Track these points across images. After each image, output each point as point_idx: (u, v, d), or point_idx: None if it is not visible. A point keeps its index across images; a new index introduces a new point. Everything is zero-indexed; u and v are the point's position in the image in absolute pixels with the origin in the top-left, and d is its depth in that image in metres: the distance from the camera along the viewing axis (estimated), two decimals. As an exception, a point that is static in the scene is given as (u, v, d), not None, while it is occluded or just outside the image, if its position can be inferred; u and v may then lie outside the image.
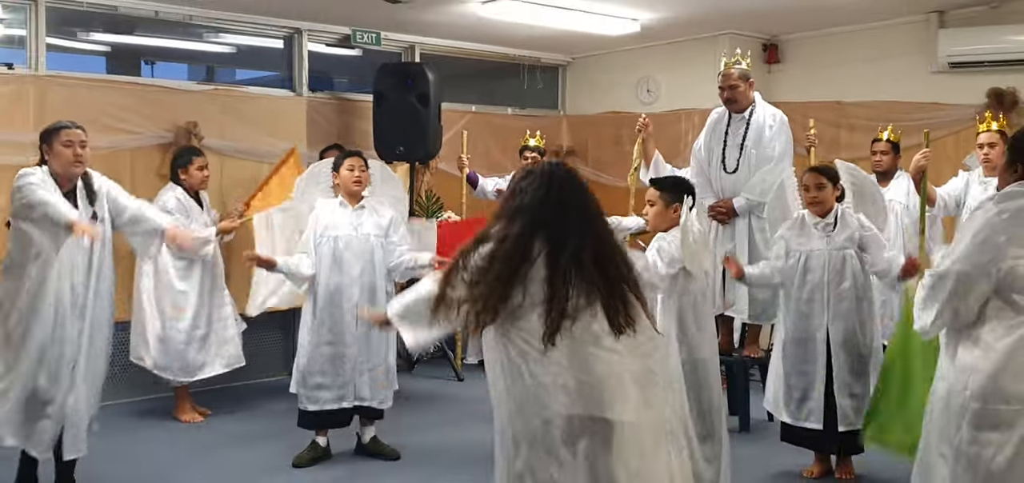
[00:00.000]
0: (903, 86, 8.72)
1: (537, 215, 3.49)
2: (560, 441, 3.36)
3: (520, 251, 3.42)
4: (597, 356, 3.40)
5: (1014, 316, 3.86)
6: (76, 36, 8.17)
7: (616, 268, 3.49)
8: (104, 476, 5.80)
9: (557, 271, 3.41)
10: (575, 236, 3.47)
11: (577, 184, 3.69)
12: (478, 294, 3.40)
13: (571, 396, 3.33)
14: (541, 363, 3.35)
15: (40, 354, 5.35)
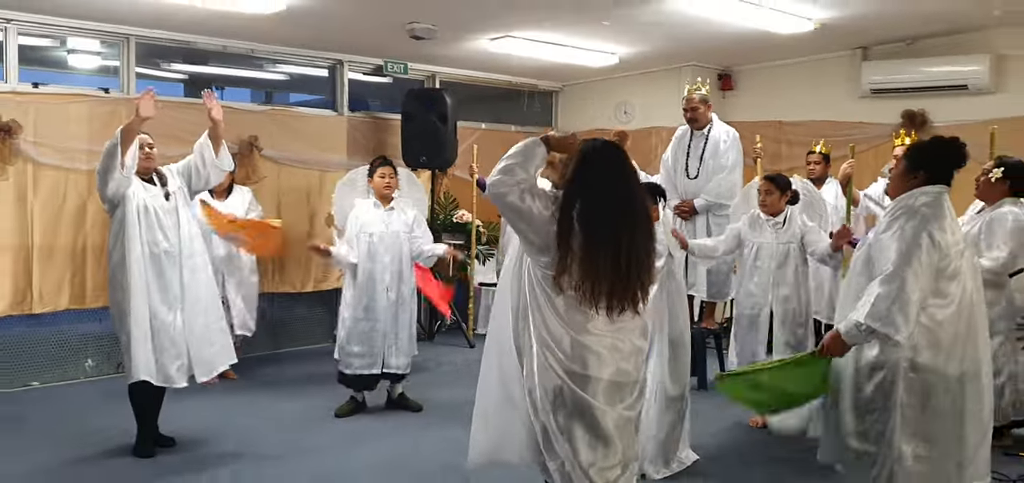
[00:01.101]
0: (833, 109, 8.83)
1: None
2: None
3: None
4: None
5: (938, 300, 3.90)
6: (159, 66, 8.19)
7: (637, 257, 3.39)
8: (180, 418, 5.83)
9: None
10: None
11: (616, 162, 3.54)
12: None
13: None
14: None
15: (143, 316, 5.37)
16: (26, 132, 6.76)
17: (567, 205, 3.26)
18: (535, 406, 3.41)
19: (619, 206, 3.32)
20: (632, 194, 3.41)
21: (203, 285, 5.67)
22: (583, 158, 3.37)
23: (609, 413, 3.36)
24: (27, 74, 7.15)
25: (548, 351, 3.35)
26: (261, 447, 5.68)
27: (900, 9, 7.39)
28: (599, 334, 3.32)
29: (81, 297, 7.06)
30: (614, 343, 3.37)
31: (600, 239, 3.23)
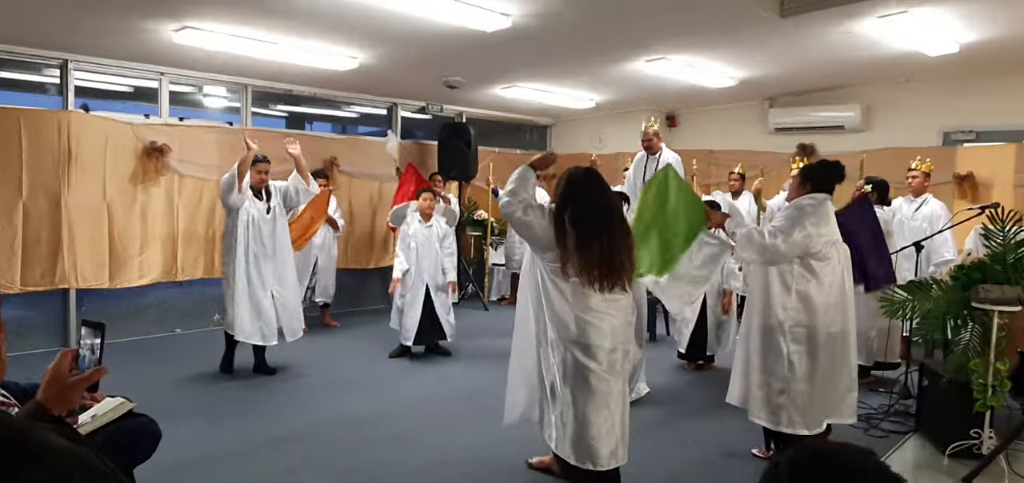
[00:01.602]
0: (748, 142, 8.81)
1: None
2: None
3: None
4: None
5: (809, 273, 3.95)
6: (267, 106, 8.31)
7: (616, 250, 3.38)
8: (283, 354, 5.95)
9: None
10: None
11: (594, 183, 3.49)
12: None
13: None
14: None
15: (245, 293, 5.52)
16: (174, 152, 6.86)
17: (560, 213, 3.29)
18: (547, 368, 3.39)
19: (599, 210, 3.32)
20: (608, 201, 3.41)
21: (289, 275, 5.82)
22: (570, 179, 3.38)
23: (604, 374, 3.30)
24: (175, 111, 7.27)
25: (559, 326, 3.31)
26: (335, 373, 5.81)
27: (796, 71, 7.39)
28: (597, 310, 3.27)
29: (210, 269, 7.14)
30: (609, 317, 3.32)
31: (589, 235, 3.23)
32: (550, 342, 3.35)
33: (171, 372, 5.74)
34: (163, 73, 7.02)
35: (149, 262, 6.84)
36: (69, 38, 5.98)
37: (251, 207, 5.55)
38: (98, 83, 6.92)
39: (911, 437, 4.59)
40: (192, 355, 6.19)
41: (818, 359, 3.93)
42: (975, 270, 4.24)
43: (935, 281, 4.53)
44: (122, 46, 6.17)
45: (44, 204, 6.22)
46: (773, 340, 3.98)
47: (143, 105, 7.18)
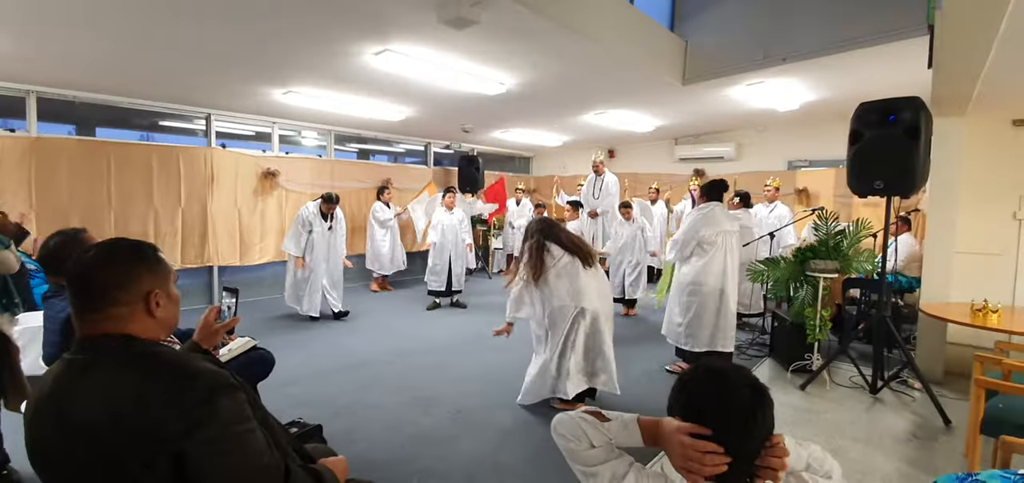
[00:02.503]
0: (661, 167, 8.75)
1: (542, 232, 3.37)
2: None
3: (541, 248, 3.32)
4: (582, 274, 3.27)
5: (702, 255, 4.05)
6: (344, 144, 8.26)
7: (580, 242, 3.37)
8: (352, 303, 5.94)
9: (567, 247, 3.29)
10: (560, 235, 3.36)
11: (550, 220, 3.57)
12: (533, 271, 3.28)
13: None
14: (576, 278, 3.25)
15: (306, 281, 5.63)
16: (282, 175, 6.81)
17: (538, 243, 3.31)
18: (553, 327, 3.26)
19: (557, 231, 3.36)
20: (556, 227, 3.41)
21: (337, 271, 5.83)
22: (537, 225, 3.41)
23: (591, 328, 3.23)
24: (282, 148, 7.20)
25: (569, 303, 3.22)
26: (389, 321, 5.78)
27: (692, 120, 7.35)
28: (592, 284, 3.24)
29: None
30: (601, 289, 3.30)
31: (556, 241, 3.29)
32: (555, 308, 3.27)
33: (280, 320, 5.74)
34: (275, 122, 6.96)
35: (265, 247, 6.81)
36: (211, 98, 5.93)
37: (318, 226, 5.65)
38: (232, 129, 6.85)
39: (767, 360, 4.63)
40: (294, 309, 6.18)
41: (708, 307, 3.99)
42: (808, 250, 4.29)
43: (783, 258, 4.57)
44: (247, 104, 6.12)
45: (197, 209, 6.17)
46: (683, 295, 4.05)
47: (262, 143, 7.13)
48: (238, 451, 1.09)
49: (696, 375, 1.08)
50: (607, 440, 1.09)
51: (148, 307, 1.16)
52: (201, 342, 1.49)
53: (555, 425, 1.16)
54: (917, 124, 3.34)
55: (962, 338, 4.15)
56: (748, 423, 1.02)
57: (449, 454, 2.89)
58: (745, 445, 1.03)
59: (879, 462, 2.86)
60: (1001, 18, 2.01)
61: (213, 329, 1.51)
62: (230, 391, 1.12)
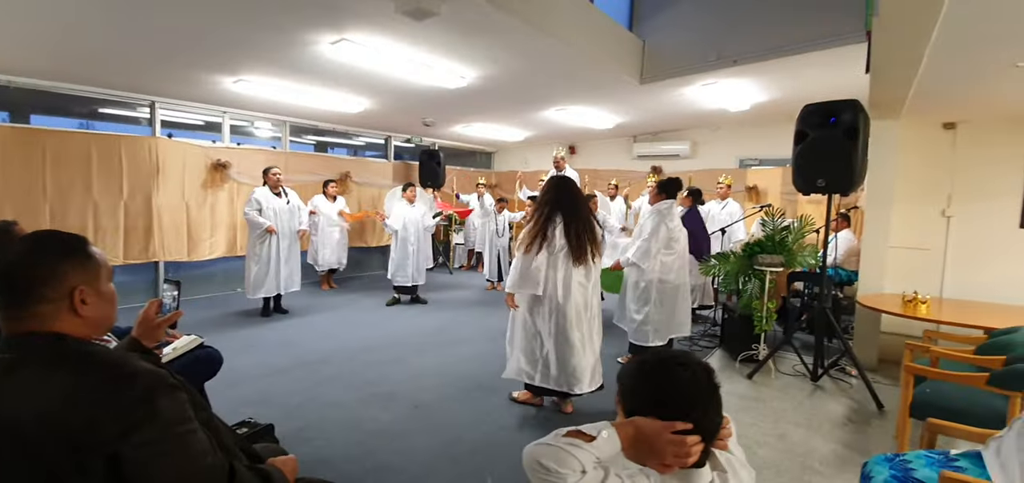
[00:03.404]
0: (620, 163, 8.83)
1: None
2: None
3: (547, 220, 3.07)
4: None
5: (669, 251, 4.07)
6: (301, 135, 7.98)
7: (587, 236, 3.09)
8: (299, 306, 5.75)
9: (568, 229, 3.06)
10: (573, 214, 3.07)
11: (572, 189, 3.13)
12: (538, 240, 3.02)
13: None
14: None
15: (271, 261, 5.37)
16: (233, 167, 6.52)
17: (547, 216, 3.06)
18: (540, 324, 3.10)
19: (572, 210, 3.09)
20: (573, 204, 3.10)
21: (296, 250, 5.62)
22: (554, 183, 3.17)
23: (579, 323, 3.10)
24: (234, 138, 6.89)
25: (552, 293, 3.06)
26: (349, 316, 5.64)
27: (650, 119, 7.46)
28: (576, 278, 3.08)
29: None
30: (584, 284, 3.13)
31: (565, 224, 3.05)
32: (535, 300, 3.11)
33: (233, 317, 5.51)
34: (225, 111, 6.64)
35: (216, 242, 6.50)
36: (155, 85, 5.59)
37: (273, 202, 5.38)
38: (180, 118, 6.50)
39: (717, 349, 4.76)
40: (247, 306, 5.94)
41: (665, 300, 4.06)
42: (756, 245, 4.44)
43: (733, 253, 4.69)
44: (195, 92, 5.81)
45: (140, 202, 5.82)
46: (650, 291, 4.07)
47: (212, 134, 6.79)
48: (179, 452, 1.05)
49: (658, 366, 1.05)
50: (596, 460, 0.96)
51: (73, 305, 1.10)
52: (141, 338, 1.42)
53: (536, 457, 0.96)
54: (856, 125, 3.51)
55: (895, 328, 4.41)
56: (715, 401, 1.03)
57: (407, 448, 2.84)
58: (714, 422, 1.03)
59: (817, 444, 3.00)
60: (933, 26, 2.12)
61: (154, 324, 1.42)
62: (169, 391, 1.08)
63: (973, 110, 3.96)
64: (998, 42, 2.38)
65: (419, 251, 6.34)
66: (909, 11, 1.98)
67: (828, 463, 2.79)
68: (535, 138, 9.20)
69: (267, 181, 5.41)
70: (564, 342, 3.09)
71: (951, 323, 3.51)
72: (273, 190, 5.40)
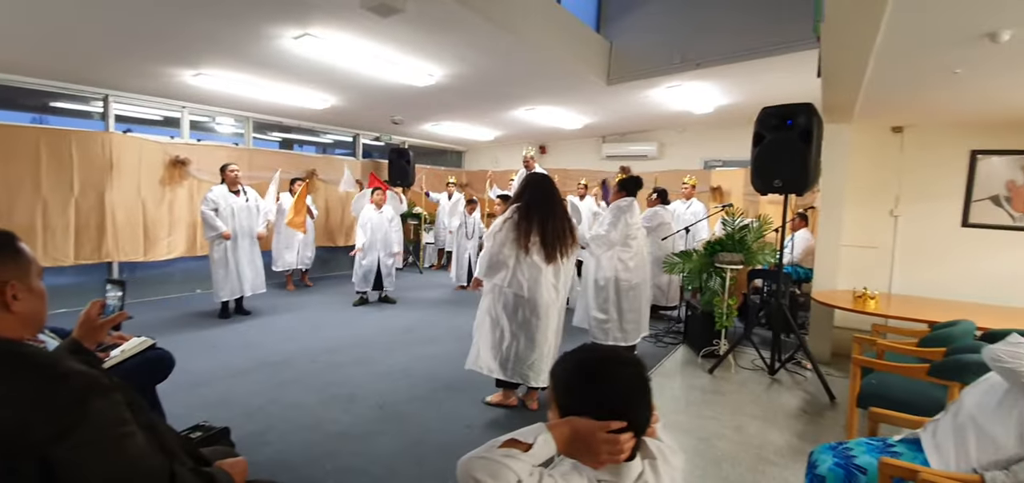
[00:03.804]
0: (590, 163, 8.90)
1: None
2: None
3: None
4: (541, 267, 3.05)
5: (627, 249, 4.11)
6: (265, 132, 7.79)
7: (560, 234, 3.06)
8: (263, 307, 5.62)
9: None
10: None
11: (546, 186, 3.11)
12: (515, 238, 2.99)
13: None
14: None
15: (231, 263, 5.21)
16: (193, 164, 6.31)
17: (524, 205, 3.04)
18: (506, 317, 3.07)
19: (546, 209, 3.06)
20: (548, 202, 3.07)
21: (257, 251, 5.46)
22: (530, 181, 3.13)
23: (546, 321, 3.08)
24: (193, 134, 6.66)
25: (520, 289, 3.04)
26: (314, 317, 5.54)
27: (618, 120, 7.57)
28: (545, 276, 3.06)
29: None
30: (553, 282, 3.12)
31: (540, 222, 3.02)
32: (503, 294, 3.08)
33: (193, 319, 5.33)
34: (184, 106, 6.42)
35: (175, 242, 6.28)
36: (109, 78, 5.37)
37: (231, 201, 5.19)
38: (137, 113, 6.25)
39: (681, 346, 4.84)
40: (208, 307, 5.76)
41: (623, 298, 4.10)
42: (716, 244, 4.55)
43: (695, 251, 4.78)
44: (152, 85, 5.60)
45: (92, 199, 5.57)
46: (608, 290, 4.11)
47: (171, 129, 6.56)
48: (115, 455, 1.03)
49: (599, 367, 1.03)
50: (532, 467, 0.95)
51: (4, 301, 1.08)
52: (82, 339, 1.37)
53: (470, 472, 0.93)
54: (810, 128, 3.64)
55: (847, 322, 4.59)
56: (648, 397, 1.05)
57: (368, 450, 2.80)
58: (646, 417, 1.05)
59: (772, 436, 3.09)
60: (876, 33, 2.22)
61: (96, 325, 1.38)
62: (104, 392, 1.05)
63: (919, 115, 4.16)
64: (938, 49, 2.51)
65: (387, 256, 6.23)
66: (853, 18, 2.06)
67: (781, 453, 2.89)
68: (506, 137, 9.20)
69: (225, 179, 5.23)
70: (528, 337, 3.10)
71: (898, 317, 3.68)
72: (231, 188, 5.22)
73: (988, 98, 3.39)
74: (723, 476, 2.65)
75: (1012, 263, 4.22)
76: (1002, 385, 1.68)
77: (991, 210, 4.31)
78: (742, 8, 4.72)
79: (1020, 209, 4.23)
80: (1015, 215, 4.25)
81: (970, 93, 3.28)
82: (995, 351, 1.65)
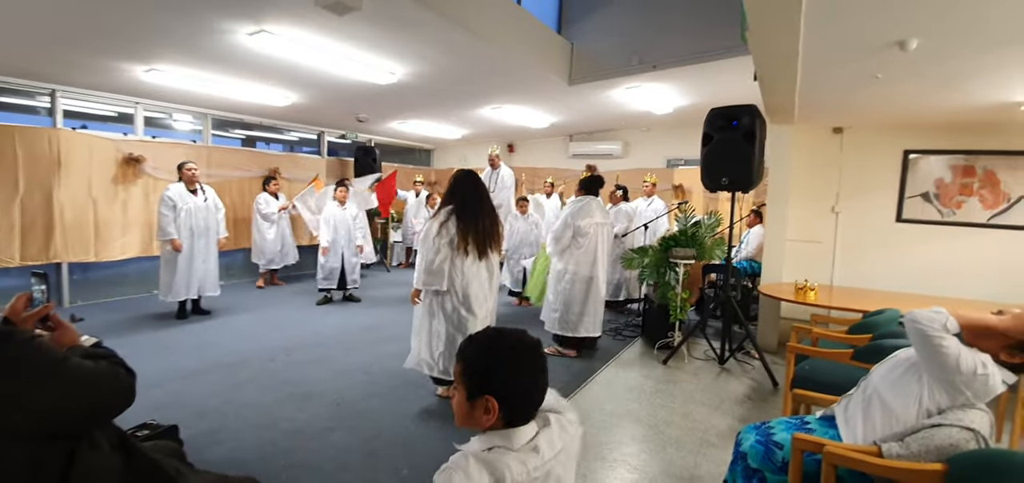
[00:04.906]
0: (557, 162, 8.99)
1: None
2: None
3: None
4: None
5: (577, 246, 4.29)
6: (226, 130, 7.63)
7: (487, 232, 3.15)
8: (222, 306, 5.54)
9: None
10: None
11: (474, 187, 3.13)
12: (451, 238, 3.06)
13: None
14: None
15: (183, 265, 5.12)
16: (149, 162, 6.15)
17: (451, 205, 3.09)
18: (442, 316, 3.14)
19: (472, 210, 3.11)
20: (483, 193, 3.19)
21: (213, 251, 5.38)
22: (455, 179, 3.18)
23: (478, 317, 3.14)
24: (149, 131, 6.50)
25: (453, 285, 3.12)
26: (275, 316, 5.49)
27: (583, 119, 7.70)
28: (477, 271, 3.13)
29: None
30: (484, 276, 3.18)
31: (472, 221, 3.09)
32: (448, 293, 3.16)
33: (147, 320, 5.21)
34: (138, 102, 6.26)
35: (129, 242, 6.12)
36: (56, 72, 5.20)
37: (189, 200, 5.12)
38: (88, 109, 6.06)
39: (638, 339, 4.99)
40: (164, 309, 5.64)
41: (580, 293, 4.22)
42: (670, 240, 4.73)
43: (651, 247, 4.95)
44: (101, 81, 5.45)
45: (39, 198, 5.39)
46: (560, 283, 4.24)
47: (125, 125, 6.38)
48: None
49: (515, 351, 1.10)
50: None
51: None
52: None
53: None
54: (753, 129, 3.83)
55: (793, 314, 4.83)
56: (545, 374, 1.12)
57: (323, 446, 2.84)
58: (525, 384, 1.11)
59: (717, 420, 3.26)
60: (797, 40, 2.38)
61: (21, 318, 1.37)
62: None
63: (854, 117, 4.42)
64: (857, 55, 2.70)
65: (351, 254, 6.22)
66: (773, 27, 2.21)
67: (723, 436, 3.05)
68: (474, 135, 9.25)
69: (182, 177, 5.15)
70: (463, 334, 3.17)
71: (836, 307, 3.91)
72: (189, 187, 5.14)
73: (913, 101, 3.63)
74: (668, 459, 2.80)
75: (941, 256, 4.52)
76: (906, 361, 1.79)
77: (922, 206, 4.61)
78: (697, 12, 4.91)
79: (947, 205, 4.54)
80: (943, 211, 4.56)
81: (896, 97, 3.52)
82: (915, 313, 1.69)
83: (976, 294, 4.24)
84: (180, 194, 5.08)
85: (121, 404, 1.26)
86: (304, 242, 8.16)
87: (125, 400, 1.27)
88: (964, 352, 1.60)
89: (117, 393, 1.25)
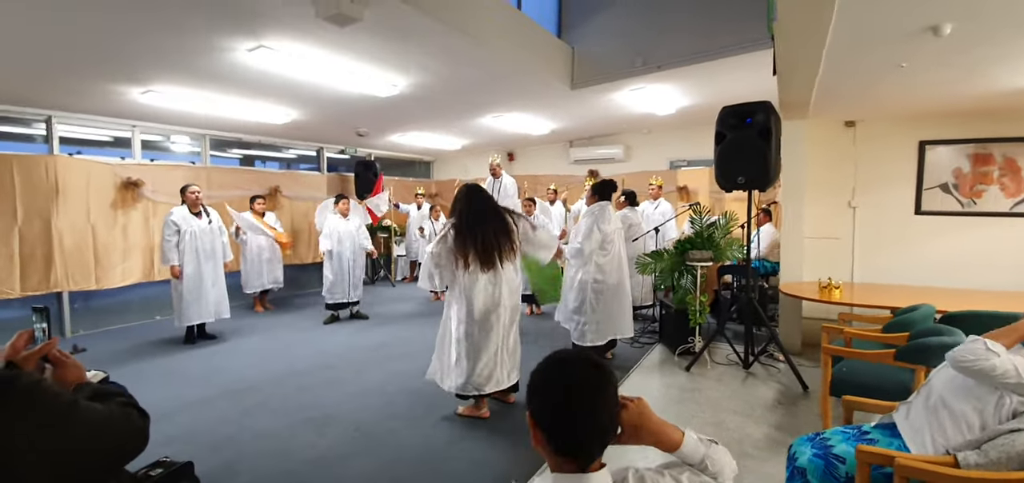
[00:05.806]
0: (558, 168, 8.93)
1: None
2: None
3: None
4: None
5: (604, 252, 4.14)
6: (224, 149, 7.52)
7: (493, 243, 3.14)
8: (228, 331, 5.40)
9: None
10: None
11: (480, 203, 3.17)
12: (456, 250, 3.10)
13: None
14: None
15: (194, 288, 4.99)
16: (147, 185, 6.02)
17: (457, 222, 3.11)
18: (457, 333, 3.14)
19: (478, 224, 3.10)
20: (487, 206, 3.18)
21: (221, 274, 5.24)
22: (461, 194, 3.19)
23: (484, 331, 3.12)
24: (147, 154, 6.39)
25: (459, 298, 3.13)
26: (283, 338, 5.34)
27: (584, 124, 7.62)
28: (483, 282, 3.11)
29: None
30: (490, 288, 3.13)
31: (472, 234, 3.08)
32: (455, 308, 3.20)
33: (152, 347, 5.06)
34: (135, 125, 6.13)
35: (130, 268, 5.97)
36: (51, 98, 5.08)
37: (193, 223, 4.98)
38: (84, 134, 5.93)
39: (657, 345, 4.88)
40: (165, 330, 5.48)
41: (601, 301, 4.11)
42: (687, 242, 4.61)
43: (666, 251, 4.84)
44: (98, 105, 5.32)
45: (38, 227, 5.24)
46: (585, 291, 4.12)
47: (122, 150, 6.25)
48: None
49: (551, 360, 1.06)
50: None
51: None
52: None
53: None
54: (768, 125, 3.73)
55: (814, 313, 4.71)
56: (591, 394, 1.04)
57: (344, 475, 2.69)
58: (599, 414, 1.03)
59: (751, 429, 3.13)
60: (827, 28, 2.28)
61: (21, 357, 1.27)
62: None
63: (869, 109, 4.33)
64: (885, 43, 2.60)
65: (355, 265, 6.11)
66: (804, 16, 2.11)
67: (760, 446, 2.92)
68: (474, 145, 9.15)
69: (185, 200, 5.01)
70: (472, 348, 3.15)
71: (862, 305, 3.79)
72: (192, 210, 5.00)
73: (933, 91, 3.54)
74: (704, 473, 2.66)
75: (962, 247, 4.42)
76: None
77: (941, 198, 4.51)
78: (700, 11, 4.83)
79: (967, 195, 4.44)
80: (963, 201, 4.46)
81: (916, 86, 3.42)
82: (957, 358, 1.66)
83: (1002, 285, 4.13)
84: (184, 217, 4.95)
85: (134, 449, 1.21)
86: (307, 261, 8.03)
87: (138, 444, 1.23)
88: (1017, 358, 1.58)
89: (130, 436, 1.20)
